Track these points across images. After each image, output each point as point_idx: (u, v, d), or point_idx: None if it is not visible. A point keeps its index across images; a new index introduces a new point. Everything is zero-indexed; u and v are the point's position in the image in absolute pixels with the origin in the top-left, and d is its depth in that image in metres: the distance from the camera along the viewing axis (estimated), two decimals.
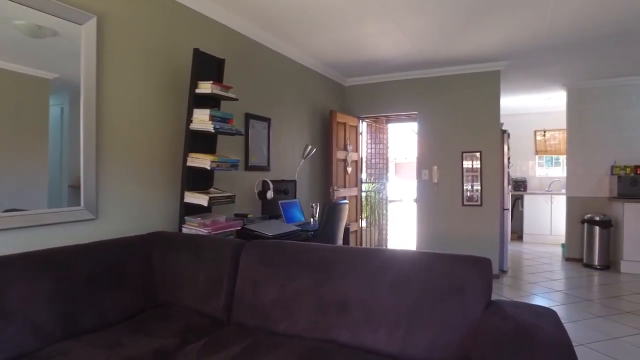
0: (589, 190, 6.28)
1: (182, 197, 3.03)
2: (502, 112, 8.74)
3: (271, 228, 3.44)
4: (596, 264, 5.83)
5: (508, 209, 5.52)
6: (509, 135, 5.65)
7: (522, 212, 8.14)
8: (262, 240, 2.51)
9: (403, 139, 13.43)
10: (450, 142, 5.45)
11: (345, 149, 5.64)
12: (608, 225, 5.80)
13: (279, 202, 4.04)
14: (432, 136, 5.57)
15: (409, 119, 6.29)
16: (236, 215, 3.68)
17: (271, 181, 3.98)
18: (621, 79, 6.03)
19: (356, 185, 6.03)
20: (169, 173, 3.15)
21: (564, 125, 6.60)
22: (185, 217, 3.03)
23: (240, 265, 2.46)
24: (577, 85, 6.27)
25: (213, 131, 2.95)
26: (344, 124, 5.64)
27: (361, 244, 6.32)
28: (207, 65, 3.17)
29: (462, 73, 5.39)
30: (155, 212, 3.05)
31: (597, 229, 5.82)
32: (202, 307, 2.48)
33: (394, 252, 2.14)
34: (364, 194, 7.06)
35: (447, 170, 5.46)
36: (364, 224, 7.04)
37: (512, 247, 7.60)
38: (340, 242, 4.10)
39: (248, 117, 4.03)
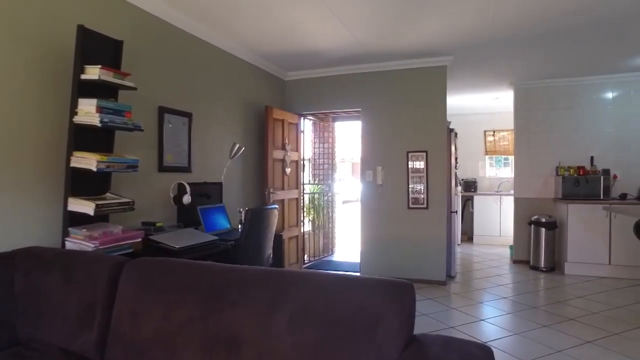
0: (535, 191, 6.17)
1: (66, 204, 2.52)
2: (451, 111, 8.58)
3: (181, 239, 2.97)
4: (542, 266, 5.71)
5: (456, 212, 5.29)
6: (456, 134, 5.43)
7: (472, 214, 8.02)
8: (146, 258, 2.05)
9: (357, 138, 13.16)
10: (395, 141, 5.15)
11: (283, 148, 5.22)
12: (553, 226, 5.69)
13: (198, 207, 3.57)
14: (377, 135, 5.25)
15: (356, 117, 5.95)
16: (143, 224, 3.18)
17: (190, 184, 3.50)
18: (565, 80, 5.96)
19: (297, 187, 5.62)
20: (52, 176, 2.62)
21: (513, 125, 6.47)
22: (70, 229, 2.51)
23: (119, 289, 1.98)
24: (524, 84, 6.15)
25: (100, 125, 2.45)
26: (282, 120, 5.22)
27: (303, 252, 5.92)
28: (99, 48, 2.67)
29: (407, 68, 5.10)
30: (31, 223, 2.52)
31: (543, 230, 5.71)
32: (69, 343, 1.99)
33: (297, 275, 1.74)
34: (308, 196, 6.67)
35: (392, 171, 5.16)
36: (308, 228, 6.65)
37: (462, 249, 7.45)
38: (269, 251, 3.68)
39: (162, 111, 3.54)
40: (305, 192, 6.53)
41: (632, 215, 3.68)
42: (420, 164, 5.02)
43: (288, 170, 5.31)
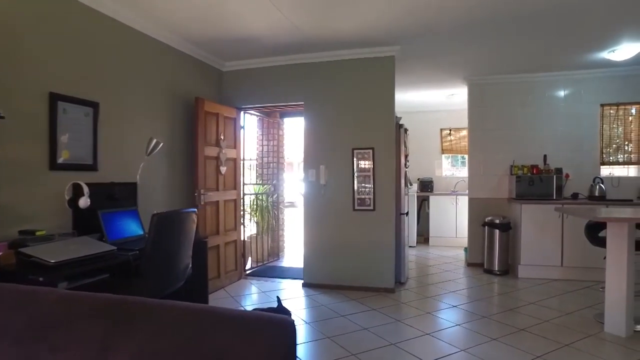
0: (490, 191, 5.94)
1: None
2: (407, 108, 8.41)
3: (64, 251, 2.45)
4: (496, 269, 5.47)
5: (405, 213, 4.95)
6: (406, 130, 5.09)
7: (428, 214, 7.76)
8: None
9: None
10: (340, 137, 4.76)
11: (217, 144, 4.74)
12: (507, 228, 5.46)
13: (100, 212, 3.04)
14: (320, 130, 4.85)
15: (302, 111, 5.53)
16: (21, 233, 2.64)
17: (92, 184, 2.98)
18: (518, 76, 5.75)
19: (235, 188, 5.14)
20: None
21: None
22: None
23: None
24: (478, 80, 5.91)
25: None
26: (217, 114, 4.74)
27: (244, 258, 5.45)
28: None
29: (353, 58, 4.72)
30: None
31: (497, 232, 5.46)
32: None
33: (145, 305, 1.28)
34: (251, 198, 6.21)
35: (337, 170, 4.77)
36: (252, 231, 6.19)
37: (417, 251, 7.17)
38: (185, 261, 3.19)
39: (55, 98, 2.99)
40: (248, 193, 6.07)
41: (582, 216, 3.44)
42: (366, 163, 4.66)
43: (224, 169, 4.82)
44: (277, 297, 3.06)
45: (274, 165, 6.59)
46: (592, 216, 3.13)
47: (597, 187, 5.42)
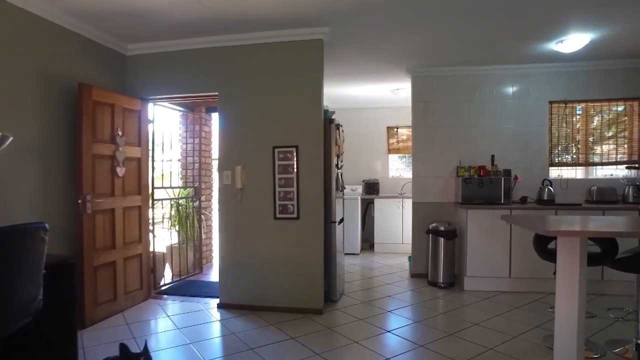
0: (435, 194, 5.43)
1: None
2: (350, 104, 7.72)
3: None
4: (441, 281, 4.95)
5: (336, 222, 4.33)
6: (338, 126, 4.46)
7: (373, 219, 7.20)
8: None
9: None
10: (259, 133, 4.07)
11: (112, 141, 3.94)
12: (452, 235, 4.95)
13: None
14: (236, 126, 4.14)
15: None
16: None
17: None
18: (465, 69, 5.27)
19: (139, 193, 4.34)
20: None
21: None
22: None
23: None
24: (422, 72, 5.38)
25: None
26: (112, 105, 3.93)
27: (154, 274, 4.65)
28: None
29: (272, 42, 4.05)
30: None
31: (441, 240, 4.95)
32: None
33: None
34: (170, 203, 5.42)
35: (256, 171, 4.08)
36: (173, 242, 5.40)
37: (361, 259, 6.60)
38: (31, 293, 2.40)
39: None
40: (162, 198, 5.28)
41: (530, 229, 2.95)
42: (289, 163, 3.99)
43: (121, 170, 4.02)
44: (145, 343, 2.34)
45: (198, 165, 5.81)
46: (541, 229, 2.61)
47: (546, 190, 5.01)
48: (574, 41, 4.21)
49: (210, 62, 4.20)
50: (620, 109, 5.21)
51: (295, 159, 3.96)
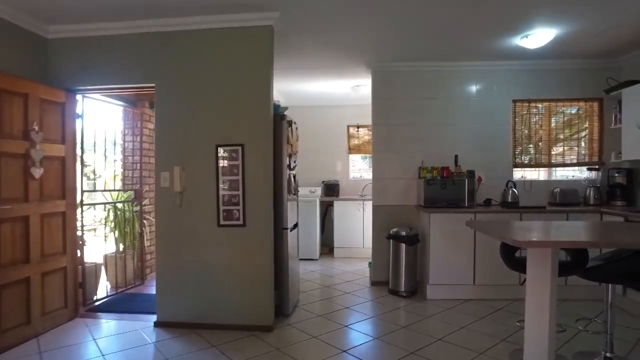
0: (397, 197, 5.13)
1: None
2: (308, 102, 7.19)
3: None
4: (402, 290, 4.65)
5: (289, 228, 3.93)
6: (291, 123, 4.06)
7: (333, 222, 6.85)
8: None
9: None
10: (200, 130, 3.62)
11: (26, 137, 3.37)
12: (414, 241, 4.66)
13: None
14: (175, 121, 3.67)
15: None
16: None
17: None
18: (428, 64, 5.00)
19: (63, 197, 3.79)
20: None
21: None
22: None
23: None
24: (383, 67, 5.07)
25: None
26: (25, 95, 3.38)
27: (83, 288, 4.10)
28: None
29: (216, 27, 3.60)
30: None
31: (403, 246, 4.65)
32: None
33: None
34: (106, 207, 4.86)
35: (197, 173, 3.62)
36: (112, 250, 4.85)
37: (320, 265, 6.24)
38: None
39: None
40: (96, 202, 4.72)
41: (497, 237, 2.67)
42: (234, 164, 3.56)
43: (38, 171, 3.46)
44: None
45: (140, 166, 5.27)
46: (511, 239, 2.32)
47: (510, 192, 4.82)
48: (539, 36, 4.01)
49: (146, 49, 3.70)
50: (580, 109, 5.09)
51: (241, 158, 3.53)
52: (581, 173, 5.25)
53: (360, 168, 7.65)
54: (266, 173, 3.57)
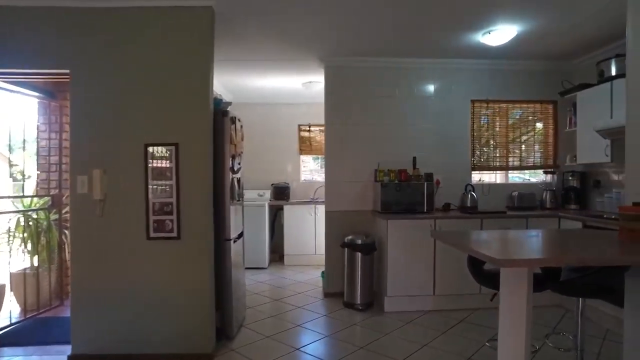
0: (352, 202, 4.77)
1: None
2: (257, 99, 6.50)
3: None
4: (358, 302, 4.30)
5: (232, 239, 3.45)
6: (234, 120, 3.58)
7: (283, 227, 6.41)
8: None
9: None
10: (126, 127, 3.07)
11: None
12: (371, 249, 4.33)
13: None
14: (95, 115, 3.08)
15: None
16: None
17: None
18: (385, 60, 4.70)
19: None
20: None
21: None
22: None
23: None
24: (337, 61, 4.70)
25: None
26: None
27: None
28: None
29: (146, 6, 3.07)
30: None
31: (358, 255, 4.30)
32: None
33: None
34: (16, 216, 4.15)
35: (121, 176, 3.06)
36: (23, 267, 4.14)
37: (269, 275, 5.79)
38: None
39: None
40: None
41: (465, 250, 2.38)
42: (167, 166, 3.05)
43: None
44: None
45: (59, 168, 4.57)
46: (487, 256, 2.01)
47: (469, 196, 4.62)
48: (501, 33, 3.81)
49: (60, 28, 3.09)
50: (536, 111, 5.00)
51: (175, 160, 3.02)
52: (536, 176, 5.17)
53: (312, 169, 7.27)
54: (205, 177, 3.08)
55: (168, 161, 3.02)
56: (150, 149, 3.02)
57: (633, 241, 2.39)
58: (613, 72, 4.05)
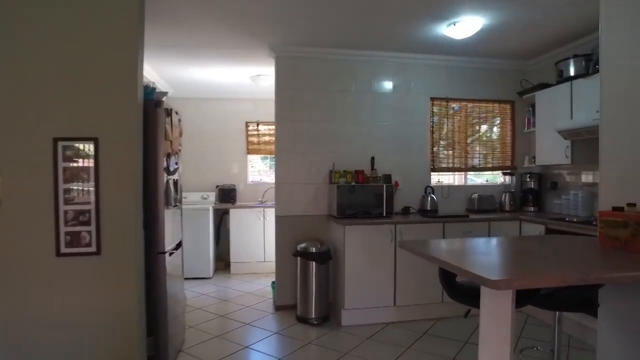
0: (304, 205, 4.37)
1: None
2: (201, 93, 5.93)
3: None
4: (313, 316, 3.90)
5: (165, 252, 2.94)
6: (170, 113, 3.05)
7: (229, 232, 5.89)
8: None
9: None
10: (28, 117, 2.46)
11: None
12: (326, 258, 3.96)
13: None
14: None
15: None
16: None
17: None
18: (342, 52, 4.35)
19: None
20: None
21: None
22: None
23: None
24: (288, 52, 4.29)
25: None
26: None
27: None
28: None
29: None
30: None
31: (313, 264, 3.91)
32: None
33: None
34: None
35: (22, 178, 2.45)
36: None
37: (214, 285, 5.26)
38: None
39: None
40: None
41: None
42: (83, 166, 2.49)
43: None
44: None
45: None
46: (479, 277, 1.69)
47: (429, 198, 4.38)
48: (466, 25, 3.58)
49: None
50: (495, 111, 4.86)
51: (94, 159, 2.47)
52: (494, 178, 5.04)
53: (260, 170, 6.79)
54: (132, 179, 2.55)
55: (85, 160, 2.46)
56: (62, 144, 2.44)
57: (617, 249, 2.19)
58: (572, 73, 3.96)
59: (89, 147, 2.46)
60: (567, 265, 2.02)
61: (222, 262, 6.10)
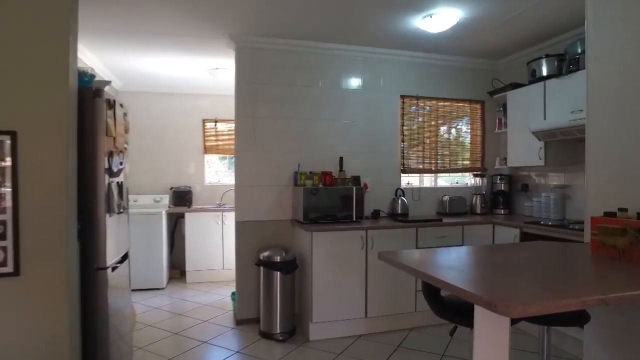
0: (267, 210, 4.02)
1: None
2: (154, 87, 5.46)
3: None
4: (277, 331, 3.56)
5: (107, 268, 2.51)
6: (114, 105, 2.63)
7: (184, 238, 5.43)
8: None
9: None
10: None
11: None
12: (292, 267, 3.63)
13: None
14: None
15: None
16: None
17: None
18: (308, 43, 4.04)
19: None
20: None
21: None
22: None
23: None
24: (250, 42, 3.93)
25: None
26: None
27: None
28: None
29: None
30: None
31: (277, 275, 3.57)
32: None
33: None
34: None
35: None
36: None
37: (167, 297, 4.81)
38: None
39: None
40: None
41: (407, 270, 1.83)
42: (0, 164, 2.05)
43: None
44: None
45: None
46: (490, 303, 1.43)
47: (400, 201, 4.15)
48: (443, 17, 3.37)
49: None
50: (465, 111, 4.71)
51: (11, 157, 2.03)
52: (463, 180, 4.89)
53: (218, 170, 6.36)
54: (61, 181, 2.12)
55: (3, 159, 2.02)
56: None
57: (614, 258, 2.03)
58: (545, 73, 3.84)
59: (5, 143, 2.01)
60: (573, 282, 1.80)
61: (177, 270, 5.63)
